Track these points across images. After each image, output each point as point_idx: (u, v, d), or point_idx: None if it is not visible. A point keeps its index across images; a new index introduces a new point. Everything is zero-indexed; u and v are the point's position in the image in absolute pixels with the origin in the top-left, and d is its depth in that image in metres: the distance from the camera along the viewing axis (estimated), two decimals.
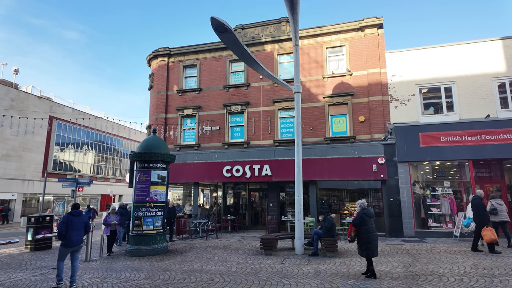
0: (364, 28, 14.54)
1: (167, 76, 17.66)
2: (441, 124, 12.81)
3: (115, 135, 39.21)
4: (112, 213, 10.70)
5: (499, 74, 12.81)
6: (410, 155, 12.93)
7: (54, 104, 32.31)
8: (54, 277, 7.25)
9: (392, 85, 13.88)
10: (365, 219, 6.53)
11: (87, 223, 6.91)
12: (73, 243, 6.51)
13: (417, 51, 13.86)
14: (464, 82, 13.07)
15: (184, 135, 17.05)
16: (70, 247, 6.52)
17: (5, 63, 30.95)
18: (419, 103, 13.51)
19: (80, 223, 6.66)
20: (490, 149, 12.08)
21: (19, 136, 26.53)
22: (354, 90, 14.38)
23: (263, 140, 15.41)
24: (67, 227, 6.45)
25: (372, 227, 6.60)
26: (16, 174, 27.58)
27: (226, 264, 8.21)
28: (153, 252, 9.91)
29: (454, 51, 13.40)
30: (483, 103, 12.72)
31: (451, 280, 6.23)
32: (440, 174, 13.64)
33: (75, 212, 6.75)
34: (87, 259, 9.15)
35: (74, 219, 6.59)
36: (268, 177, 14.56)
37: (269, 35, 16.29)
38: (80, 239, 6.65)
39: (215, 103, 16.55)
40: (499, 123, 12.20)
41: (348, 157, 13.71)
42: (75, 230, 6.52)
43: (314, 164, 13.96)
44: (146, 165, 10.62)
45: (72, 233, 6.48)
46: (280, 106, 15.45)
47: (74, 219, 6.60)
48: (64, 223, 6.44)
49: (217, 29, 8.94)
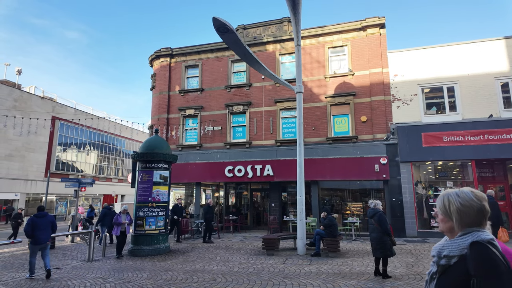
0: (366, 28, 14.50)
1: (169, 76, 17.69)
2: (443, 124, 12.76)
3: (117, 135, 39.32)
4: (123, 213, 10.35)
5: (502, 73, 12.74)
6: (413, 155, 12.89)
7: (56, 105, 32.43)
8: (57, 277, 7.29)
9: (394, 85, 13.84)
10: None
11: (54, 223, 7.63)
12: (40, 241, 7.22)
13: (419, 51, 13.81)
14: (466, 81, 13.01)
15: (186, 135, 17.07)
16: (37, 244, 7.21)
17: (8, 63, 31.10)
18: (421, 103, 13.47)
19: (46, 223, 7.39)
20: (493, 149, 12.02)
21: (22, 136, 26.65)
22: (356, 90, 14.35)
23: (265, 140, 15.41)
24: (33, 228, 7.17)
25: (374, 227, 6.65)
26: (19, 174, 27.72)
27: (228, 264, 8.22)
28: (155, 252, 9.93)
29: (456, 51, 13.34)
30: (486, 103, 12.66)
31: None
32: (443, 174, 13.59)
33: (39, 214, 7.49)
34: (90, 259, 9.18)
35: (38, 220, 7.31)
36: (270, 177, 14.56)
37: (271, 35, 16.29)
38: (46, 238, 7.35)
39: (217, 103, 16.57)
40: (502, 123, 12.14)
41: (350, 157, 13.69)
42: (41, 230, 7.25)
43: (316, 164, 13.94)
44: (148, 165, 10.65)
45: (38, 233, 7.21)
46: (282, 106, 15.44)
47: (39, 220, 7.32)
48: (29, 225, 7.17)
49: (219, 30, 8.95)
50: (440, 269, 1.50)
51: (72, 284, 6.61)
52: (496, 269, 1.36)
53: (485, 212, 1.52)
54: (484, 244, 1.41)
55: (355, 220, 12.78)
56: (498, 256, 1.39)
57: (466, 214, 1.51)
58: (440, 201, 1.61)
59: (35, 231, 7.18)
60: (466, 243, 1.45)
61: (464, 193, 1.55)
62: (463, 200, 1.53)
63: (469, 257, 1.40)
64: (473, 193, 1.55)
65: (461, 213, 1.52)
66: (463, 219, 1.51)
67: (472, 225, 1.50)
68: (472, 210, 1.51)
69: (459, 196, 1.55)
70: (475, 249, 1.41)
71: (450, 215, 1.55)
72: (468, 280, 1.38)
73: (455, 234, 1.54)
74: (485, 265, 1.37)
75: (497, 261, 1.37)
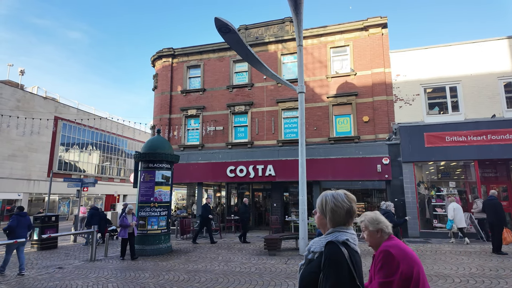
0: (368, 28, 14.48)
1: (171, 76, 17.72)
2: (446, 124, 12.71)
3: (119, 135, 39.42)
4: (129, 214, 9.69)
5: (505, 73, 12.68)
6: (415, 155, 12.85)
7: (59, 105, 32.55)
8: (59, 276, 7.33)
9: (397, 84, 13.81)
10: None
11: (30, 224, 8.45)
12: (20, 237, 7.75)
13: (421, 51, 13.77)
14: (469, 81, 12.96)
15: (188, 135, 17.10)
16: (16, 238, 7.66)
17: (11, 64, 31.25)
18: (424, 103, 13.42)
19: (25, 222, 8.09)
20: (496, 149, 11.96)
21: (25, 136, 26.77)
22: (358, 90, 14.33)
23: (266, 140, 15.41)
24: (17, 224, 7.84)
25: None
26: (22, 174, 27.84)
27: (230, 264, 8.22)
28: (157, 251, 9.95)
29: (459, 51, 13.29)
30: (489, 103, 12.60)
31: (457, 282, 6.19)
32: (445, 175, 13.55)
33: (22, 213, 8.17)
34: (92, 258, 9.22)
35: (21, 218, 8.02)
36: (271, 177, 14.56)
37: (272, 35, 16.29)
38: (24, 236, 7.92)
39: (218, 104, 16.58)
40: (505, 123, 12.08)
41: (352, 157, 13.66)
42: (21, 228, 7.94)
43: (318, 164, 13.93)
44: (151, 165, 10.67)
45: (20, 230, 7.87)
46: (283, 106, 15.44)
47: (22, 218, 8.03)
48: (15, 221, 7.88)
49: (220, 30, 8.95)
50: (306, 262, 1.72)
51: (74, 284, 6.64)
52: (337, 267, 1.57)
53: (352, 213, 1.74)
54: (336, 244, 1.63)
55: (356, 221, 12.74)
56: (343, 256, 1.59)
57: (337, 214, 1.72)
58: (319, 200, 1.81)
59: (18, 228, 7.85)
60: (325, 242, 1.67)
61: (338, 195, 1.76)
62: (337, 201, 1.74)
63: (323, 254, 1.63)
64: (345, 195, 1.76)
65: (333, 212, 1.73)
66: (335, 217, 1.72)
67: (340, 224, 1.73)
68: (342, 211, 1.71)
69: (334, 197, 1.76)
70: (328, 248, 1.63)
71: (325, 213, 1.76)
72: (319, 273, 1.61)
73: (326, 230, 1.75)
74: (330, 263, 1.58)
75: (341, 260, 1.58)
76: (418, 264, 2.05)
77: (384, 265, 2.07)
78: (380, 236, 2.23)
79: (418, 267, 2.03)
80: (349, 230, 1.72)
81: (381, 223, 2.24)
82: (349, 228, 1.74)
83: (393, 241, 2.18)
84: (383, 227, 2.23)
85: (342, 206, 1.72)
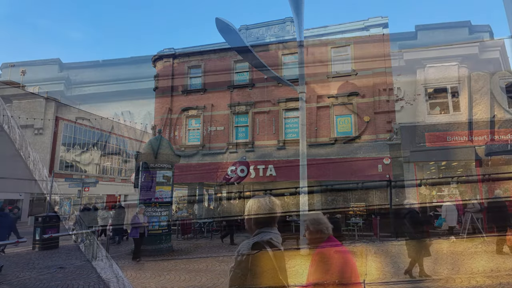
0: (369, 28, 14.47)
1: (172, 77, 17.73)
2: (447, 123, 12.69)
3: (120, 135, 39.47)
4: (141, 213, 9.40)
5: (506, 73, 12.65)
6: (416, 155, 12.83)
7: (60, 105, 32.62)
8: (61, 276, 7.34)
9: (398, 84, 13.79)
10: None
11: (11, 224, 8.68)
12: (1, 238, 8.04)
13: (422, 51, 13.75)
14: (470, 81, 12.93)
15: (189, 135, 17.11)
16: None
17: (13, 64, 31.32)
18: (424, 103, 13.40)
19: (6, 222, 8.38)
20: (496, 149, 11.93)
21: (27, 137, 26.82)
22: (359, 90, 14.32)
23: (267, 141, 15.41)
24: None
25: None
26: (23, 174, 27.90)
27: (231, 264, 8.21)
28: (158, 251, 9.94)
29: (460, 51, 13.26)
30: (490, 103, 12.57)
31: (458, 282, 6.18)
32: (446, 174, 13.52)
33: (2, 214, 8.58)
34: (93, 258, 9.22)
35: (2, 219, 8.26)
36: (272, 177, 14.55)
37: (273, 36, 16.29)
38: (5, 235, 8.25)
39: (219, 104, 16.59)
40: (506, 123, 12.06)
41: (353, 157, 13.65)
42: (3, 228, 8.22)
43: (319, 164, 13.91)
44: (152, 165, 10.68)
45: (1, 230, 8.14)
46: (284, 106, 15.43)
47: (2, 219, 8.29)
48: None
49: (222, 30, 8.97)
50: (236, 264, 1.81)
51: (76, 284, 6.65)
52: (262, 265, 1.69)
53: (275, 215, 1.90)
54: (261, 244, 1.76)
55: (358, 221, 12.74)
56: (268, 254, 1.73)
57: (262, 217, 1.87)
58: (247, 205, 1.96)
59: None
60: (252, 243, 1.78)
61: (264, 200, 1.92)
62: (261, 204, 1.89)
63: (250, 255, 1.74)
64: (270, 200, 1.92)
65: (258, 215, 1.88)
66: (259, 219, 1.88)
67: (264, 225, 1.88)
68: (265, 212, 1.85)
69: (259, 201, 1.91)
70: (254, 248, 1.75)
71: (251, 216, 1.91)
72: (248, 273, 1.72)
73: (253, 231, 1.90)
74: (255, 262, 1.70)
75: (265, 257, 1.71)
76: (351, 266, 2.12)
77: (318, 266, 2.15)
78: (320, 236, 2.27)
79: (351, 269, 2.11)
80: (274, 230, 1.89)
81: (321, 224, 2.29)
82: (274, 229, 1.90)
83: (331, 243, 2.25)
84: (323, 228, 2.28)
85: (264, 208, 1.87)
